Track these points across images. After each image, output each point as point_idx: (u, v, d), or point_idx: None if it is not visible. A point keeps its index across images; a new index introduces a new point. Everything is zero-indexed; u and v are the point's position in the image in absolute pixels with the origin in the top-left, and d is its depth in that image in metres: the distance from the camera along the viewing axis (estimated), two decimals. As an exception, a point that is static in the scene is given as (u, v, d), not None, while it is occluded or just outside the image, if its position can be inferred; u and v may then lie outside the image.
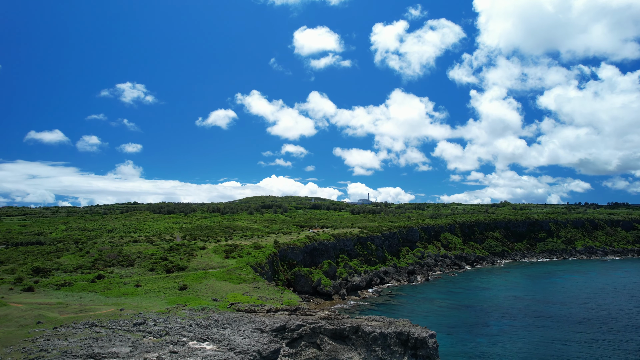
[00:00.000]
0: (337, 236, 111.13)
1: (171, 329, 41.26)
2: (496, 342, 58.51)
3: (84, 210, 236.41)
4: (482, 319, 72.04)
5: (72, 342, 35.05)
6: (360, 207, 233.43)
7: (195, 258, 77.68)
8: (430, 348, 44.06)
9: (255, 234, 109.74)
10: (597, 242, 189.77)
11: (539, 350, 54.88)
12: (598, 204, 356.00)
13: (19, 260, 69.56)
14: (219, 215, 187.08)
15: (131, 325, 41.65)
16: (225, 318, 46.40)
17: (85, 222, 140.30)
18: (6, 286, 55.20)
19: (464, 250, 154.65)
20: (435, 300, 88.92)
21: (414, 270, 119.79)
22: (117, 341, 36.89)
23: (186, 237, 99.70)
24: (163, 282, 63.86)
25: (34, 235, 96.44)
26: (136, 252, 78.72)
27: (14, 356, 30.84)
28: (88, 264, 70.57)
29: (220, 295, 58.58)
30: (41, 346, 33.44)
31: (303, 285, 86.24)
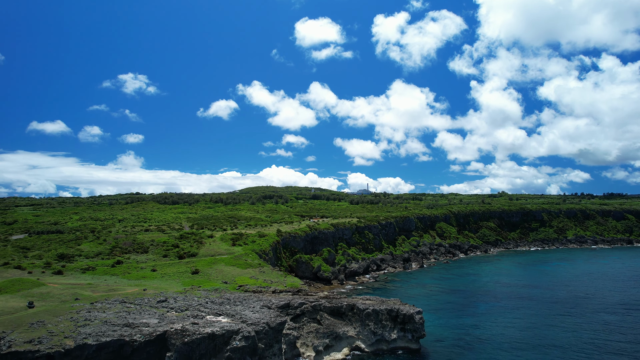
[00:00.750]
0: (336, 225, 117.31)
1: (190, 306, 47.38)
2: (479, 320, 64.80)
3: (90, 200, 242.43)
4: (469, 301, 78.38)
5: (109, 314, 41.20)
6: (359, 198, 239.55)
7: (204, 245, 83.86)
8: (417, 323, 50.35)
9: (259, 224, 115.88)
10: (588, 232, 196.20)
11: (516, 324, 61.11)
12: (595, 194, 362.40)
13: (44, 247, 75.72)
14: (222, 205, 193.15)
15: (155, 302, 47.79)
16: (236, 297, 52.53)
17: (95, 212, 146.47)
18: (38, 270, 61.36)
19: (459, 239, 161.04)
20: (428, 285, 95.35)
21: (409, 257, 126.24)
22: (146, 314, 43.04)
23: (194, 227, 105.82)
24: (176, 267, 70.01)
25: (51, 225, 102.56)
26: (149, 240, 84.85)
27: (65, 324, 36.99)
28: (106, 250, 76.72)
29: (230, 278, 64.70)
30: (85, 317, 39.61)
31: (304, 271, 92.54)
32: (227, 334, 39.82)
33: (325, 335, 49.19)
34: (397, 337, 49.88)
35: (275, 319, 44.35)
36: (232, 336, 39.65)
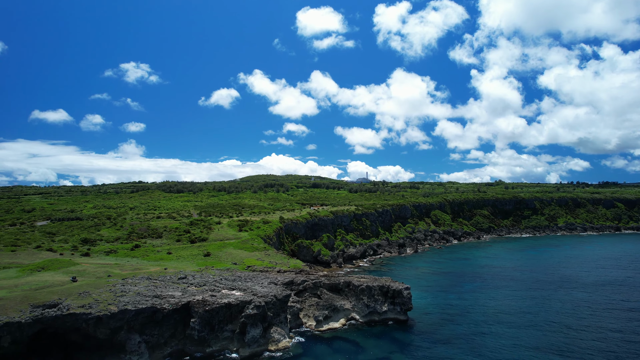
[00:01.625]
0: (335, 213, 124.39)
1: (207, 282, 54.51)
2: (463, 297, 72.05)
3: (95, 189, 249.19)
4: (456, 282, 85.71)
5: (140, 287, 48.33)
6: (358, 186, 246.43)
7: (213, 231, 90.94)
8: (405, 297, 57.57)
9: (262, 211, 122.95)
10: (578, 219, 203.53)
11: (495, 300, 68.31)
12: (590, 183, 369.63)
13: (68, 233, 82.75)
14: (225, 194, 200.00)
15: (176, 279, 54.93)
16: (246, 275, 59.70)
17: (105, 201, 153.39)
18: (68, 252, 68.45)
19: (452, 226, 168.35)
20: (420, 267, 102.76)
21: (404, 243, 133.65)
22: (170, 288, 50.20)
23: (202, 214, 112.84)
24: (190, 250, 77.12)
25: (68, 213, 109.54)
26: (162, 226, 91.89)
27: (106, 294, 44.10)
28: (124, 236, 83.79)
29: (239, 260, 71.84)
30: (121, 289, 46.73)
31: (305, 255, 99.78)
32: (241, 304, 47.00)
33: (325, 308, 56.47)
34: (387, 309, 57.14)
35: (281, 293, 51.51)
36: (246, 306, 46.80)
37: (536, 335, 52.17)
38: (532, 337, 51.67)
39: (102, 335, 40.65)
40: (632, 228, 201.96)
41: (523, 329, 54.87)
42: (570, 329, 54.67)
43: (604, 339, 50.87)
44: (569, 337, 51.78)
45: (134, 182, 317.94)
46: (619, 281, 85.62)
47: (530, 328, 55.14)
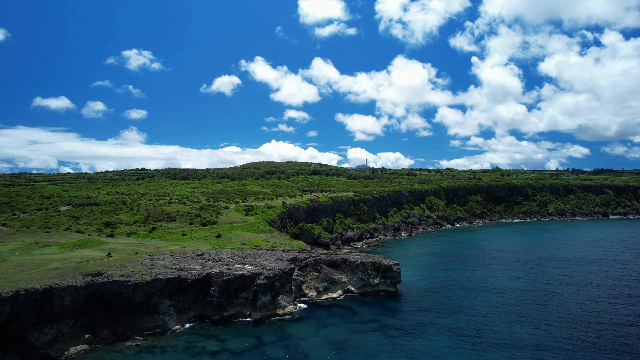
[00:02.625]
0: (334, 199, 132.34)
1: (221, 258, 62.60)
2: (448, 274, 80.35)
3: (101, 176, 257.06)
4: (444, 261, 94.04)
5: (166, 262, 56.44)
6: (357, 173, 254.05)
7: (222, 215, 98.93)
8: (395, 272, 65.73)
9: (266, 197, 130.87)
10: (568, 205, 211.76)
11: (477, 275, 76.53)
12: (584, 169, 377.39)
13: (90, 217, 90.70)
14: (228, 180, 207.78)
15: (195, 255, 63.03)
16: (255, 253, 67.79)
17: (116, 188, 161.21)
18: (94, 233, 76.50)
19: (446, 212, 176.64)
20: (412, 249, 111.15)
21: (399, 227, 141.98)
22: (191, 263, 58.30)
23: (210, 200, 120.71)
24: (202, 232, 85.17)
25: (85, 198, 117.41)
26: (175, 211, 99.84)
27: (138, 267, 52.17)
28: (141, 219, 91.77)
29: (247, 240, 79.95)
30: (150, 263, 54.83)
31: (306, 237, 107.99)
32: (252, 275, 55.17)
33: (324, 281, 64.74)
34: (379, 282, 65.39)
35: (287, 267, 59.61)
36: (257, 277, 54.96)
37: (507, 303, 60.49)
38: (503, 304, 59.99)
39: (139, 299, 48.86)
40: (619, 214, 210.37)
41: (497, 298, 63.18)
42: (538, 299, 62.97)
43: (563, 305, 59.20)
44: (535, 304, 60.08)
45: (136, 169, 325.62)
46: (591, 260, 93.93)
47: (502, 297, 63.44)
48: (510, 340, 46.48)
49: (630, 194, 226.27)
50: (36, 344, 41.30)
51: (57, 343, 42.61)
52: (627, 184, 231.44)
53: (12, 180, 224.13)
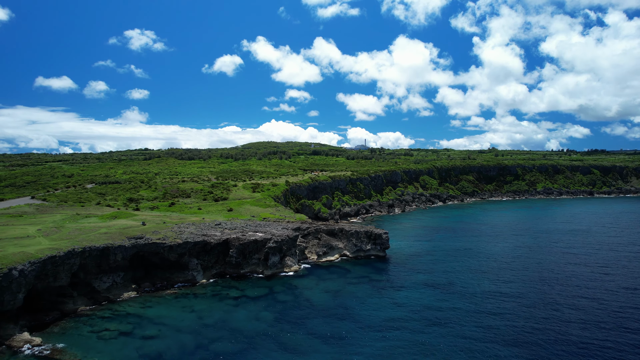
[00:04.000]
0: (333, 178, 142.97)
1: (236, 227, 73.56)
2: (432, 242, 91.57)
3: (108, 156, 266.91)
4: (431, 232, 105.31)
5: (191, 229, 67.40)
6: (355, 154, 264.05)
7: (232, 192, 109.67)
8: (383, 239, 76.81)
9: (270, 176, 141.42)
10: (556, 185, 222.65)
11: (457, 243, 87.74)
12: (577, 150, 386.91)
13: (114, 194, 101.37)
14: (232, 160, 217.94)
15: (213, 225, 73.95)
16: (264, 223, 78.72)
17: (129, 167, 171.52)
18: (122, 208, 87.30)
19: (439, 190, 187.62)
20: (404, 223, 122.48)
21: (393, 204, 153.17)
22: (212, 230, 69.25)
23: (219, 178, 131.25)
24: (215, 206, 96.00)
25: (104, 177, 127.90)
26: (189, 188, 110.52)
27: (169, 233, 63.12)
28: (160, 196, 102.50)
29: (256, 213, 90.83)
30: (178, 230, 65.80)
31: (307, 212, 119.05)
32: (264, 240, 66.21)
33: (323, 246, 75.97)
34: (370, 248, 76.62)
35: (292, 234, 70.65)
36: (267, 241, 66.01)
37: (479, 264, 71.80)
38: (475, 265, 71.31)
39: (172, 258, 60.00)
40: (604, 192, 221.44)
41: (471, 261, 74.49)
42: (505, 261, 74.30)
43: (525, 266, 70.53)
44: (502, 265, 71.39)
45: (140, 149, 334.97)
46: (561, 231, 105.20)
47: (476, 260, 74.77)
48: (477, 290, 57.80)
49: (616, 173, 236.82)
50: (98, 289, 52.59)
51: (113, 289, 53.94)
52: (614, 165, 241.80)
53: (24, 161, 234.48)
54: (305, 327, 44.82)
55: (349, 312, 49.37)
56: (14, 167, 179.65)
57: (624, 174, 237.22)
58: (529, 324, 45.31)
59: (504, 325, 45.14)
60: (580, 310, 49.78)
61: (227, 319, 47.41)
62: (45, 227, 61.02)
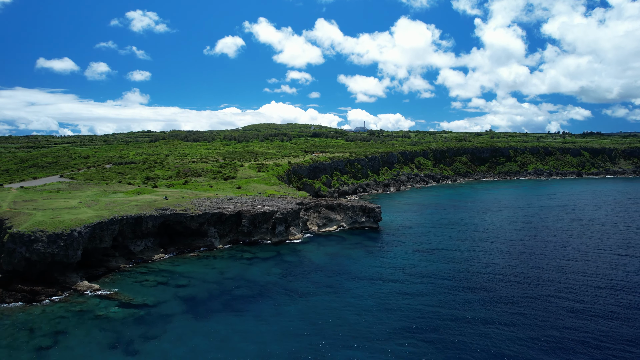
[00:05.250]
0: (332, 159, 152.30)
1: (246, 201, 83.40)
2: (421, 216, 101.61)
3: (115, 138, 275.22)
4: (421, 208, 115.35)
5: (208, 203, 77.24)
6: (354, 136, 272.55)
7: (239, 172, 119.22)
8: (376, 212, 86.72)
9: (273, 157, 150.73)
10: (546, 166, 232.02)
11: (443, 217, 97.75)
12: (572, 133, 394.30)
13: (131, 173, 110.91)
14: (235, 142, 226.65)
15: (226, 199, 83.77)
16: (270, 199, 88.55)
17: (138, 149, 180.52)
18: (142, 185, 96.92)
19: (433, 171, 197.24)
20: (397, 200, 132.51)
21: (388, 183, 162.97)
22: (225, 204, 79.09)
23: (225, 159, 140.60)
24: (225, 184, 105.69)
25: (119, 158, 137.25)
26: (199, 168, 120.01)
27: (190, 205, 72.98)
28: (174, 175, 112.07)
29: (262, 190, 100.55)
30: (197, 204, 75.64)
31: (308, 190, 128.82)
32: (271, 212, 76.14)
33: (323, 218, 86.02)
34: (364, 220, 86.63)
35: (295, 207, 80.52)
36: (274, 213, 75.93)
37: (461, 233, 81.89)
38: (457, 234, 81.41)
39: (193, 226, 69.98)
40: (592, 174, 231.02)
41: (454, 231, 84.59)
42: (483, 230, 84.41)
43: (498, 235, 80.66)
44: (479, 233, 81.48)
45: (143, 131, 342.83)
46: (539, 206, 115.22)
47: (458, 230, 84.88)
48: (455, 253, 67.96)
49: (605, 155, 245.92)
50: (134, 251, 62.77)
51: (145, 252, 64.12)
52: (603, 147, 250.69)
53: (33, 143, 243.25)
54: (307, 279, 55.09)
55: (344, 268, 59.62)
56: (27, 150, 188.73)
57: (613, 156, 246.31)
58: (491, 275, 55.48)
59: (472, 276, 55.34)
60: (527, 260, 59.99)
61: (243, 273, 57.68)
62: (84, 200, 70.82)
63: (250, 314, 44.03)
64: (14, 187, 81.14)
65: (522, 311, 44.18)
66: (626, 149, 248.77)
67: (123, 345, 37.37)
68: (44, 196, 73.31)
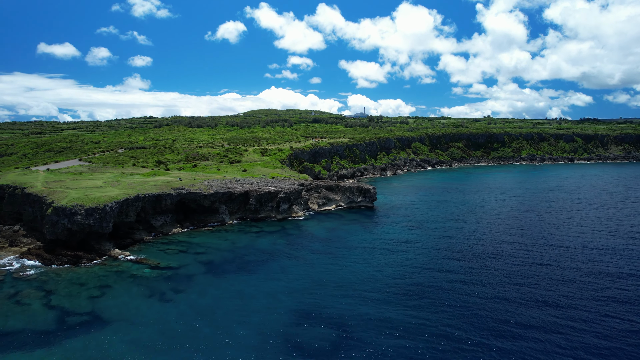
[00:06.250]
0: (332, 144, 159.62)
1: (252, 182, 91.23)
2: (414, 197, 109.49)
3: (119, 124, 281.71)
4: (414, 190, 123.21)
5: (218, 183, 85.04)
6: (354, 121, 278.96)
7: (244, 156, 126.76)
8: (372, 193, 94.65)
9: (275, 142, 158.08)
10: (540, 152, 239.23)
11: (433, 198, 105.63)
12: (573, 119, 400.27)
13: (144, 157, 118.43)
14: (239, 128, 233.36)
15: (234, 181, 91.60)
16: (274, 180, 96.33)
17: (145, 135, 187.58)
18: (155, 168, 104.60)
19: (429, 156, 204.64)
20: (393, 183, 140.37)
21: (385, 168, 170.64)
22: (234, 184, 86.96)
23: (230, 144, 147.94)
24: (231, 168, 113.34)
25: (129, 143, 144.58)
26: (207, 152, 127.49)
27: (202, 185, 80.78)
28: (183, 159, 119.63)
29: (266, 173, 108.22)
30: (208, 184, 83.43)
31: (309, 174, 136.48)
32: (276, 191, 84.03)
33: (323, 198, 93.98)
34: (361, 200, 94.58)
35: (298, 188, 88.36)
36: (279, 193, 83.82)
37: (449, 212, 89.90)
38: (446, 212, 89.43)
39: (206, 204, 77.94)
40: (584, 159, 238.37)
41: (443, 209, 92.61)
42: (468, 208, 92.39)
43: (484, 211, 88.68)
44: (468, 211, 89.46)
45: (144, 117, 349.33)
46: (524, 188, 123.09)
47: (447, 208, 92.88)
48: (441, 227, 76.04)
49: (598, 141, 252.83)
50: (155, 225, 70.87)
51: (165, 226, 72.22)
52: (596, 133, 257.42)
53: (41, 128, 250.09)
54: (308, 248, 63.27)
55: (341, 239, 67.79)
56: (36, 135, 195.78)
57: (605, 142, 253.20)
58: (467, 241, 63.61)
59: (452, 244, 63.46)
60: (505, 231, 68.10)
61: (252, 243, 65.86)
62: (107, 180, 78.65)
63: (260, 274, 52.23)
64: (41, 170, 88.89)
65: (488, 265, 52.32)
66: (618, 135, 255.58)
67: (157, 296, 45.60)
68: (69, 177, 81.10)
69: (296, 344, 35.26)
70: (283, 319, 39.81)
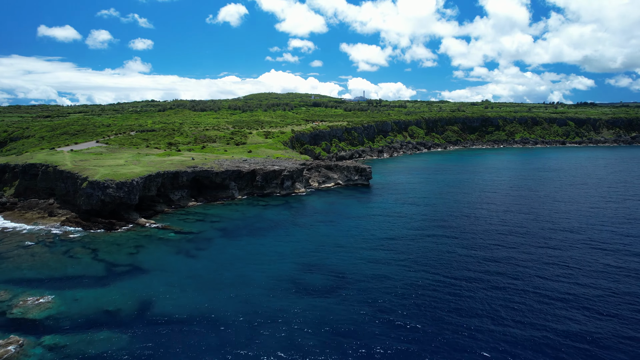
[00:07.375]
0: (331, 127, 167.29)
1: (258, 162, 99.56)
2: (408, 176, 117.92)
3: (125, 108, 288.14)
4: (408, 170, 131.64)
5: (227, 163, 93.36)
6: (353, 105, 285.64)
7: (248, 138, 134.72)
8: (367, 172, 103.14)
9: (277, 125, 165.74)
10: (533, 135, 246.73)
11: (426, 178, 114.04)
12: (566, 103, 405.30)
13: (155, 139, 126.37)
14: (241, 112, 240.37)
15: (242, 160, 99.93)
16: (277, 160, 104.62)
17: (154, 118, 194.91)
18: (167, 150, 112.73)
19: (425, 139, 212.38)
20: (389, 164, 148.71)
21: (382, 150, 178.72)
22: (241, 164, 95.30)
23: (235, 127, 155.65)
24: (237, 149, 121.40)
25: (139, 126, 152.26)
26: (214, 135, 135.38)
27: (214, 164, 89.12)
28: (192, 140, 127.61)
29: (270, 154, 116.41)
30: (219, 163, 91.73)
31: (309, 155, 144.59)
32: (280, 170, 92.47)
33: (323, 177, 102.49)
34: (357, 178, 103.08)
35: (300, 167, 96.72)
36: (282, 171, 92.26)
37: (438, 189, 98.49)
38: (436, 189, 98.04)
39: (218, 181, 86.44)
40: (575, 142, 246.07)
41: (432, 187, 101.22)
42: (454, 185, 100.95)
43: (470, 188, 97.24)
44: (451, 187, 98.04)
45: (147, 100, 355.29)
46: (515, 168, 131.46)
47: (435, 186, 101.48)
48: (430, 202, 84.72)
49: (590, 125, 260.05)
50: (173, 199, 79.54)
51: (181, 200, 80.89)
52: (588, 117, 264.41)
53: (48, 112, 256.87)
54: (310, 217, 72.06)
55: (339, 211, 76.56)
56: (45, 118, 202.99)
57: (597, 126, 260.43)
58: (451, 212, 72.33)
59: (436, 214, 72.19)
60: (486, 204, 76.80)
61: (260, 214, 74.64)
62: (127, 160, 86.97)
63: (269, 237, 61.08)
64: (65, 150, 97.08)
65: (467, 229, 61.15)
66: (609, 119, 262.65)
67: (184, 252, 54.47)
68: (93, 157, 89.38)
69: (302, 285, 44.17)
70: (291, 268, 48.71)
